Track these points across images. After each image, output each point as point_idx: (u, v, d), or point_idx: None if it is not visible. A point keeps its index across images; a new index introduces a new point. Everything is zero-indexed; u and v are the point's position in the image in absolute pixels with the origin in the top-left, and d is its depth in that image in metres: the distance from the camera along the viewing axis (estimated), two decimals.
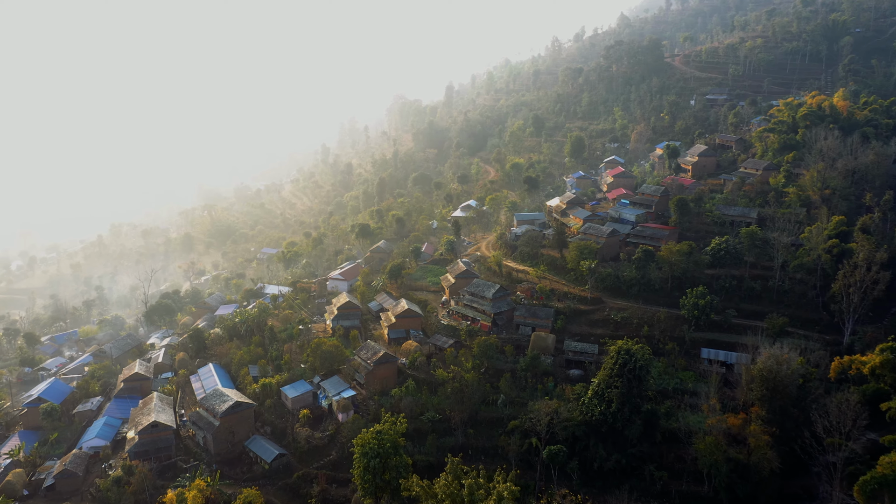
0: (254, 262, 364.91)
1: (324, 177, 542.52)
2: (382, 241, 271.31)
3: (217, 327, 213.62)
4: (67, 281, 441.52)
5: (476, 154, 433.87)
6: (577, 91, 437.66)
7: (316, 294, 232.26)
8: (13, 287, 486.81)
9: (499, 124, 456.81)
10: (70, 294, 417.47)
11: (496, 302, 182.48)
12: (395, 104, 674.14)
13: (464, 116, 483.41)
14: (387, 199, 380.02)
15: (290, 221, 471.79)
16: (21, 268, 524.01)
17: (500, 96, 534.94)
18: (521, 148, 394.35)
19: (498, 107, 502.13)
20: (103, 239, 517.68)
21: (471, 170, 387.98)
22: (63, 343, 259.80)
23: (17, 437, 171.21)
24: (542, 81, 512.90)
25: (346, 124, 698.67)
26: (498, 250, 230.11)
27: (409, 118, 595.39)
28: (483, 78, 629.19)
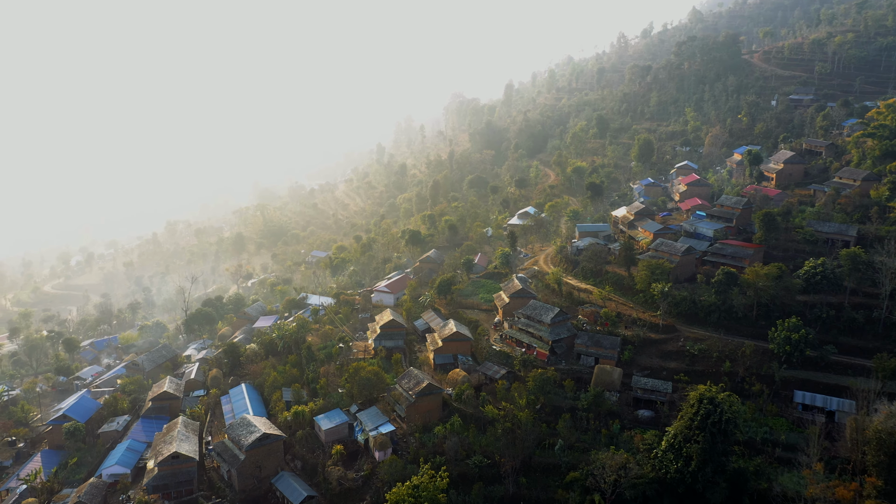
0: (302, 266, 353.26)
1: (378, 177, 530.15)
2: (433, 251, 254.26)
3: (254, 342, 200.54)
4: (120, 279, 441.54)
5: (535, 156, 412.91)
6: (644, 90, 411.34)
7: (360, 307, 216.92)
8: (70, 283, 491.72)
9: (560, 125, 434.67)
10: (121, 293, 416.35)
11: (555, 328, 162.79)
12: (453, 103, 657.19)
13: (523, 116, 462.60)
14: (440, 204, 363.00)
15: (341, 223, 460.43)
16: (79, 263, 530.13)
17: (562, 95, 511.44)
18: (584, 150, 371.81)
19: (559, 106, 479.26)
20: (158, 237, 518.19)
21: (529, 173, 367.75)
22: (102, 349, 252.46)
23: (38, 458, 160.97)
24: (607, 80, 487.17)
25: (403, 123, 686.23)
26: (557, 266, 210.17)
27: (467, 117, 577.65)
28: (544, 76, 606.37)
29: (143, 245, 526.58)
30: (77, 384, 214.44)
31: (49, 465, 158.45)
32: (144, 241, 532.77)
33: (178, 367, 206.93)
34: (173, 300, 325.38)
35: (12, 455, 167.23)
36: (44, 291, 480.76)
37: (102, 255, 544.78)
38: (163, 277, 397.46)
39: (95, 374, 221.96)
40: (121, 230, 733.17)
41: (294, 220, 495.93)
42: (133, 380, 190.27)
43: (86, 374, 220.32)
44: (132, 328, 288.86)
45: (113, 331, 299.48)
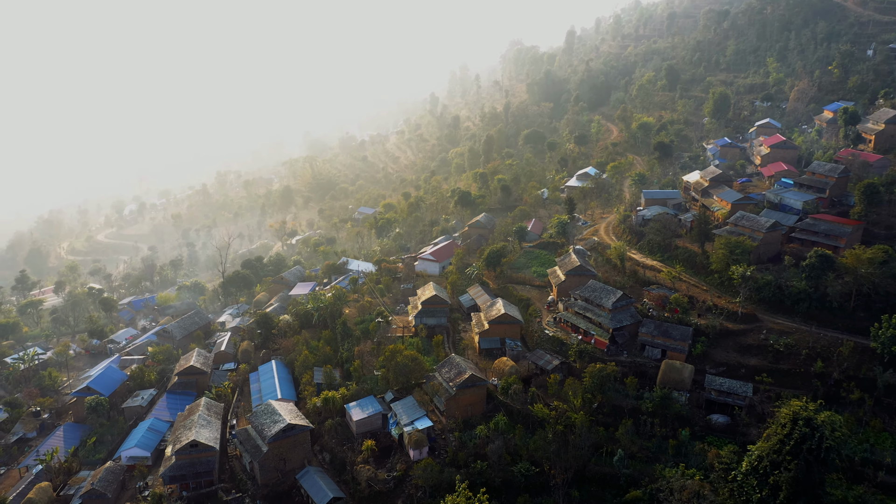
0: (348, 224, 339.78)
1: (430, 129, 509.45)
2: (483, 215, 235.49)
3: (288, 312, 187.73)
4: (169, 231, 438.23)
5: (597, 109, 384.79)
6: (720, 38, 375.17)
7: (402, 276, 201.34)
8: (123, 233, 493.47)
9: (625, 75, 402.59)
10: (169, 246, 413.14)
11: (617, 313, 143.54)
12: (511, 51, 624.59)
13: (585, 66, 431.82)
14: (493, 160, 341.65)
15: (391, 177, 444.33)
16: (132, 213, 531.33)
17: (628, 43, 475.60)
18: (651, 104, 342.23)
19: (625, 55, 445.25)
20: (207, 188, 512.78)
21: (590, 128, 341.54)
22: (140, 309, 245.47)
23: (61, 432, 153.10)
24: (679, 26, 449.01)
25: (458, 72, 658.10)
26: (620, 237, 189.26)
27: (525, 67, 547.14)
28: (609, 22, 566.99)
29: (192, 196, 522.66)
30: (111, 348, 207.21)
31: (71, 440, 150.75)
32: (195, 191, 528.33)
33: (210, 336, 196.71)
34: (216, 257, 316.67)
35: (36, 427, 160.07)
36: (97, 240, 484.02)
37: (154, 204, 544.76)
38: (209, 231, 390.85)
39: (129, 337, 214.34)
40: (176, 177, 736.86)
41: (343, 173, 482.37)
42: (162, 349, 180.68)
43: (120, 337, 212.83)
44: (172, 287, 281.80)
45: (154, 288, 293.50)
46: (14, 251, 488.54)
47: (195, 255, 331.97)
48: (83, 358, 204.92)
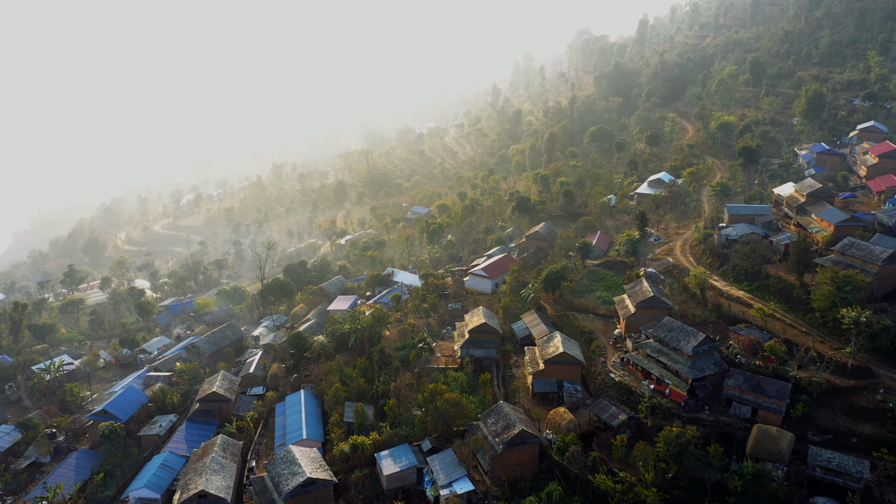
0: (400, 225, 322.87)
1: (490, 123, 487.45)
2: (542, 225, 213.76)
3: (324, 331, 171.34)
4: (222, 224, 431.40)
5: (670, 106, 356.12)
6: (812, 28, 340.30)
7: (451, 293, 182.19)
8: (178, 224, 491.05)
9: (703, 69, 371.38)
10: (220, 240, 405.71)
11: (698, 360, 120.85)
12: (578, 40, 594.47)
13: (658, 58, 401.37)
14: (556, 160, 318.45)
15: (448, 173, 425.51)
16: (189, 203, 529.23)
17: (707, 33, 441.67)
18: (732, 101, 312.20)
19: (703, 46, 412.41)
20: (262, 180, 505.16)
21: (663, 127, 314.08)
22: (177, 314, 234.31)
23: (73, 460, 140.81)
24: (765, 14, 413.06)
25: (522, 63, 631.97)
26: (699, 258, 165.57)
27: (593, 58, 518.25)
28: (685, 10, 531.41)
29: (247, 188, 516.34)
30: (141, 358, 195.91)
31: (83, 470, 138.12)
32: (250, 183, 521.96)
33: (241, 353, 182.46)
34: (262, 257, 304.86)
35: (50, 450, 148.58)
36: (153, 231, 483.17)
37: (211, 195, 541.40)
38: (259, 227, 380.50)
39: (162, 346, 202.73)
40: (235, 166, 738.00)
41: (399, 168, 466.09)
42: (189, 367, 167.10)
43: (151, 346, 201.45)
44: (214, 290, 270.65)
45: (198, 289, 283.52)
46: (74, 239, 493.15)
47: (242, 253, 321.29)
48: (113, 368, 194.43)
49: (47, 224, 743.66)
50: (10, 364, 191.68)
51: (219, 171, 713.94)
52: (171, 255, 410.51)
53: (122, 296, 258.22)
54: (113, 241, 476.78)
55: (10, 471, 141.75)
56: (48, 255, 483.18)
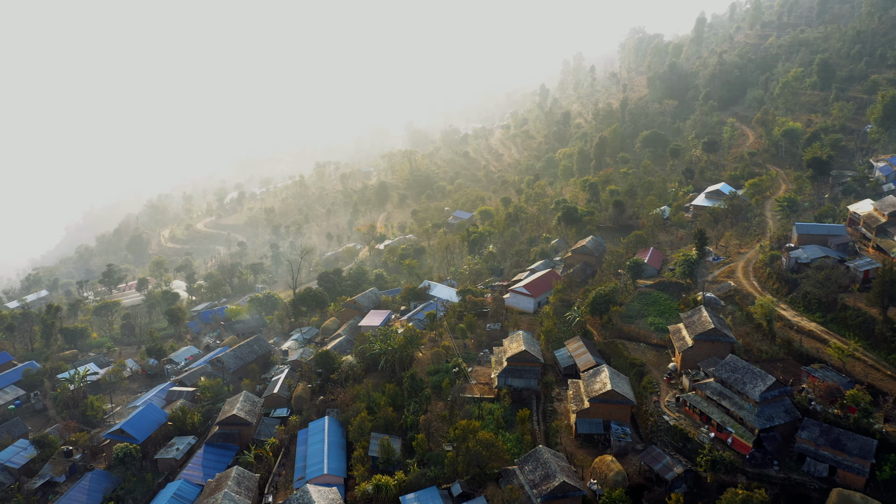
0: (440, 231, 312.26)
1: (537, 125, 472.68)
2: (590, 238, 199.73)
3: (354, 350, 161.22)
4: (263, 225, 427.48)
5: (729, 109, 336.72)
6: (887, 27, 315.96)
7: (490, 311, 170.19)
8: (220, 222, 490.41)
9: (765, 70, 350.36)
10: (260, 241, 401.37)
11: (766, 407, 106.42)
12: (631, 39, 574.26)
13: (717, 58, 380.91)
14: (606, 167, 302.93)
15: (492, 176, 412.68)
16: (232, 201, 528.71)
17: (769, 32, 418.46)
18: (797, 105, 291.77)
19: (765, 46, 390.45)
20: (305, 179, 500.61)
21: (722, 132, 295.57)
22: (208, 322, 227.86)
23: (87, 482, 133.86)
24: (834, 13, 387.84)
25: (571, 62, 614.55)
26: (765, 285, 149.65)
27: (646, 58, 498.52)
28: (746, 7, 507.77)
29: (290, 187, 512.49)
30: (168, 369, 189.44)
31: (96, 493, 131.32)
32: (293, 182, 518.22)
33: (267, 370, 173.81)
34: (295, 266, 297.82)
35: (66, 469, 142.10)
36: (196, 229, 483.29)
37: (254, 193, 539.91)
38: (298, 229, 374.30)
39: (189, 357, 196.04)
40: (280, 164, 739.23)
41: (443, 170, 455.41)
42: (212, 384, 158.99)
43: (179, 356, 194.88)
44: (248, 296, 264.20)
45: (233, 293, 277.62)
46: (119, 236, 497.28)
47: (278, 256, 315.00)
48: (139, 378, 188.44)
49: (98, 218, 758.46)
50: (38, 371, 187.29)
51: (264, 169, 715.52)
52: (211, 255, 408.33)
53: (157, 298, 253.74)
54: (157, 239, 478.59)
55: (24, 490, 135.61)
56: (94, 251, 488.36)
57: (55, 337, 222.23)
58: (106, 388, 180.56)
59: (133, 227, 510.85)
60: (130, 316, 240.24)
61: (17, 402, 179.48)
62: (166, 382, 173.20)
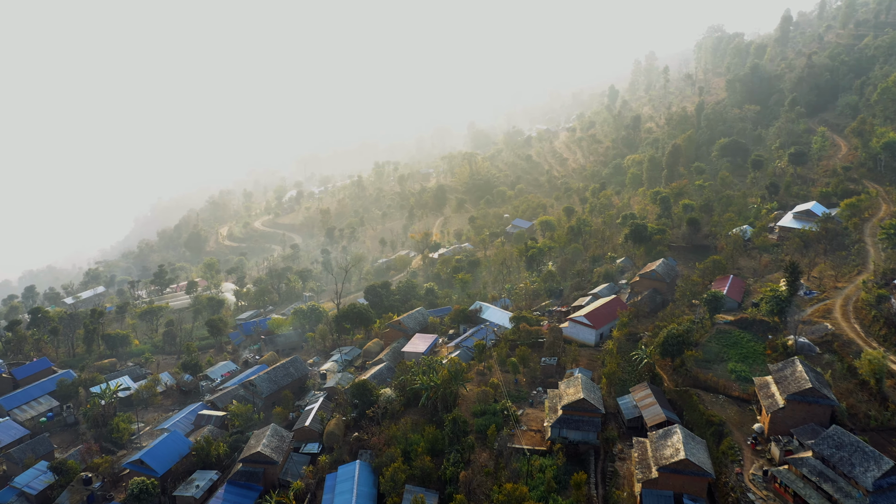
0: (498, 241, 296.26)
1: (605, 128, 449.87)
2: (661, 262, 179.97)
3: (394, 380, 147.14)
4: (318, 226, 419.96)
5: (818, 116, 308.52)
6: None
7: (546, 342, 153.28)
8: (278, 221, 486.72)
9: (860, 74, 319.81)
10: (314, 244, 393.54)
11: (882, 497, 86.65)
12: (708, 38, 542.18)
13: (805, 60, 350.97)
14: (679, 177, 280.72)
15: (555, 182, 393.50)
16: (290, 200, 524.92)
17: (865, 32, 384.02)
18: None
19: (859, 48, 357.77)
20: (363, 180, 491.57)
21: (810, 142, 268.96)
22: (249, 333, 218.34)
23: None
24: None
25: (643, 62, 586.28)
26: (870, 332, 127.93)
27: (725, 58, 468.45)
28: (837, 4, 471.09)
29: (348, 187, 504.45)
30: (203, 385, 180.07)
31: None
32: (351, 181, 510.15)
33: (302, 395, 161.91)
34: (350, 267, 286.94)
35: (83, 499, 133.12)
36: (253, 227, 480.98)
37: (312, 193, 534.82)
38: (353, 233, 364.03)
39: (226, 373, 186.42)
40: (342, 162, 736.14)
41: (503, 173, 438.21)
42: (242, 410, 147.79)
43: (216, 372, 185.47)
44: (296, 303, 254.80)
45: (280, 300, 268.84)
46: (179, 232, 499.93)
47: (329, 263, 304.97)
48: (172, 394, 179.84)
49: (165, 211, 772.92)
50: (73, 381, 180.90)
51: (325, 166, 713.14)
52: (265, 256, 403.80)
53: (203, 304, 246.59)
54: (215, 236, 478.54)
55: None
56: (154, 246, 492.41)
57: (98, 343, 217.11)
58: (138, 403, 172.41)
59: (193, 223, 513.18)
60: (173, 323, 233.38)
61: (50, 414, 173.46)
62: (198, 403, 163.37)
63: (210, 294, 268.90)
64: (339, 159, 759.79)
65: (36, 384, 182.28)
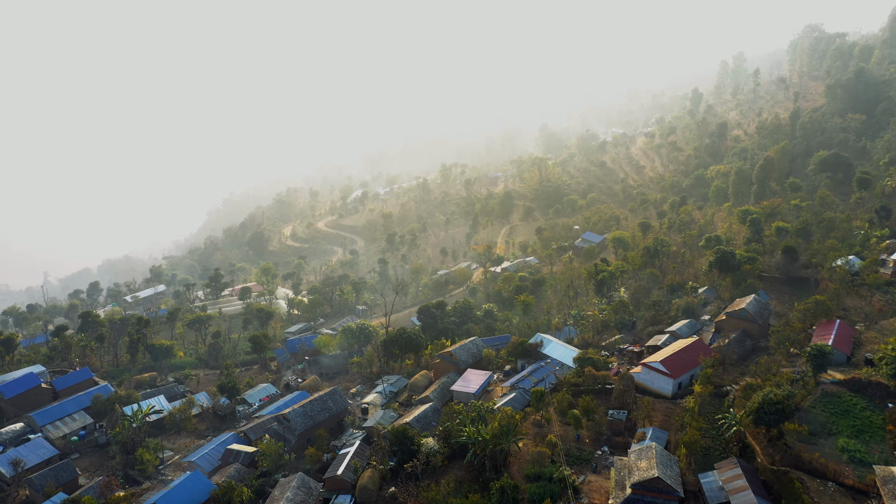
0: (567, 255, 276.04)
1: (686, 135, 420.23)
2: (752, 300, 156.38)
3: (439, 425, 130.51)
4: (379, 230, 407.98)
5: None
6: None
7: (615, 391, 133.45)
8: (341, 223, 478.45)
9: None
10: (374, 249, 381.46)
11: None
12: (804, 38, 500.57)
13: None
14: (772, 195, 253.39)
15: (630, 192, 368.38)
16: (355, 201, 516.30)
17: None
18: None
19: None
20: (428, 183, 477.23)
21: None
22: (295, 352, 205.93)
23: None
24: None
25: (730, 63, 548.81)
26: None
27: (824, 61, 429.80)
28: None
29: (412, 189, 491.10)
30: (240, 411, 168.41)
31: None
32: (417, 183, 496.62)
33: (339, 434, 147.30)
34: (407, 280, 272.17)
35: None
36: (316, 228, 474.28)
37: (377, 193, 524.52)
38: (413, 240, 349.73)
39: (265, 398, 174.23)
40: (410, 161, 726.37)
41: (575, 180, 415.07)
42: (272, 449, 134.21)
43: (254, 396, 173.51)
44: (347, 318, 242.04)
45: (333, 312, 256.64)
46: (245, 230, 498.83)
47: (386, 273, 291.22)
48: (208, 418, 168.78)
49: (236, 206, 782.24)
50: (109, 397, 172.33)
51: (393, 165, 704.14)
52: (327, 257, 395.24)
53: (252, 313, 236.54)
54: (278, 236, 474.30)
55: None
56: (219, 243, 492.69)
57: (142, 353, 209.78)
58: (171, 427, 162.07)
59: (258, 221, 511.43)
60: (220, 334, 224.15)
61: (82, 432, 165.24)
62: (230, 434, 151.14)
63: (262, 303, 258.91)
64: (407, 157, 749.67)
65: (72, 398, 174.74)
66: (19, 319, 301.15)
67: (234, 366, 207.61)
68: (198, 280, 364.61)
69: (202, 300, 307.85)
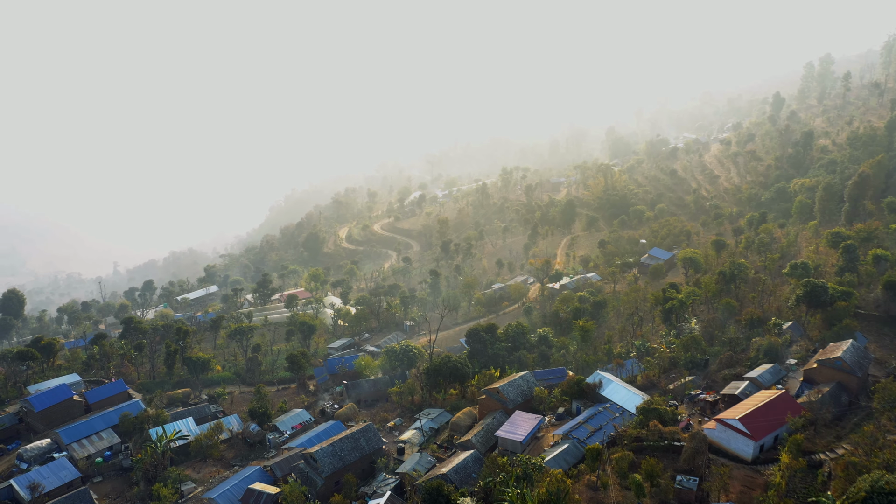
0: (632, 273, 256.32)
1: (766, 143, 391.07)
2: (850, 347, 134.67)
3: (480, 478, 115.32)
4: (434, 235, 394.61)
5: None
6: None
7: (684, 452, 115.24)
8: (396, 226, 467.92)
9: None
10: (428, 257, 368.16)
11: None
12: None
13: None
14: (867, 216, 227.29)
15: (703, 204, 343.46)
16: (412, 203, 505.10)
17: None
18: None
19: None
20: (487, 187, 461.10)
21: None
22: (334, 372, 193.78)
23: None
24: None
25: (816, 65, 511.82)
26: None
27: None
28: None
29: (471, 193, 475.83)
30: (270, 439, 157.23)
31: None
32: (476, 187, 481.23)
33: (372, 477, 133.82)
34: (458, 296, 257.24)
35: None
36: (372, 230, 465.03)
37: (436, 196, 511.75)
38: (469, 249, 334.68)
39: (298, 425, 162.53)
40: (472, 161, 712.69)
41: (643, 189, 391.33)
42: (295, 495, 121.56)
43: (286, 424, 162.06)
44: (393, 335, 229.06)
45: (380, 326, 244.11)
46: (301, 230, 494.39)
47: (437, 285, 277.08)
48: (237, 444, 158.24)
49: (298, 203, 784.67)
50: (137, 415, 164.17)
51: (454, 167, 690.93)
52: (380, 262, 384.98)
53: (296, 324, 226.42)
54: (333, 238, 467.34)
55: None
56: (275, 243, 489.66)
57: (180, 365, 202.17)
58: (197, 454, 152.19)
59: (314, 221, 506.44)
60: (260, 348, 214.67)
61: (108, 453, 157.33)
62: (255, 468, 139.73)
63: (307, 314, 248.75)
64: (468, 158, 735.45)
65: (101, 414, 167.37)
66: (73, 317, 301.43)
67: (272, 383, 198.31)
68: (248, 283, 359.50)
69: (251, 304, 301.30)
